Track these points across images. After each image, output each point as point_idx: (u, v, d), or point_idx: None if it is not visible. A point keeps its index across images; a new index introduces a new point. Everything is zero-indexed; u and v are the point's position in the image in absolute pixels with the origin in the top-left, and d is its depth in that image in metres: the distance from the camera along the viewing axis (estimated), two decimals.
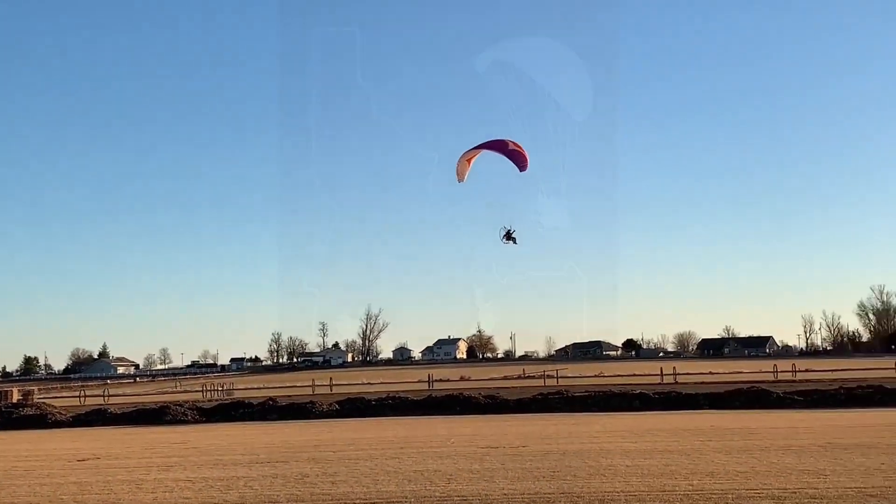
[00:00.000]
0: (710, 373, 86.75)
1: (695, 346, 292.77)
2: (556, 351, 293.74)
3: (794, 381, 67.87)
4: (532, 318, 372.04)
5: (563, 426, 33.66)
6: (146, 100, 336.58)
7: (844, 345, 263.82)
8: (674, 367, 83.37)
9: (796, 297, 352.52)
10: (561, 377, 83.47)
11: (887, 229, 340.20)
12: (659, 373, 78.07)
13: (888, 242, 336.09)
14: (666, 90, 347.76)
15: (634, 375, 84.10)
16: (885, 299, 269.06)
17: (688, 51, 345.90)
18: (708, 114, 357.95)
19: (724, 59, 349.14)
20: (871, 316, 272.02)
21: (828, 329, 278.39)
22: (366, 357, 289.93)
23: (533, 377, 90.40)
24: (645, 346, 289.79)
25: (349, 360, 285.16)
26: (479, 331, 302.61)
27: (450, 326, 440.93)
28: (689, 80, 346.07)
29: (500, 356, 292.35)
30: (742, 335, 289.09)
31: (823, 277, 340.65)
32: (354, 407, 47.75)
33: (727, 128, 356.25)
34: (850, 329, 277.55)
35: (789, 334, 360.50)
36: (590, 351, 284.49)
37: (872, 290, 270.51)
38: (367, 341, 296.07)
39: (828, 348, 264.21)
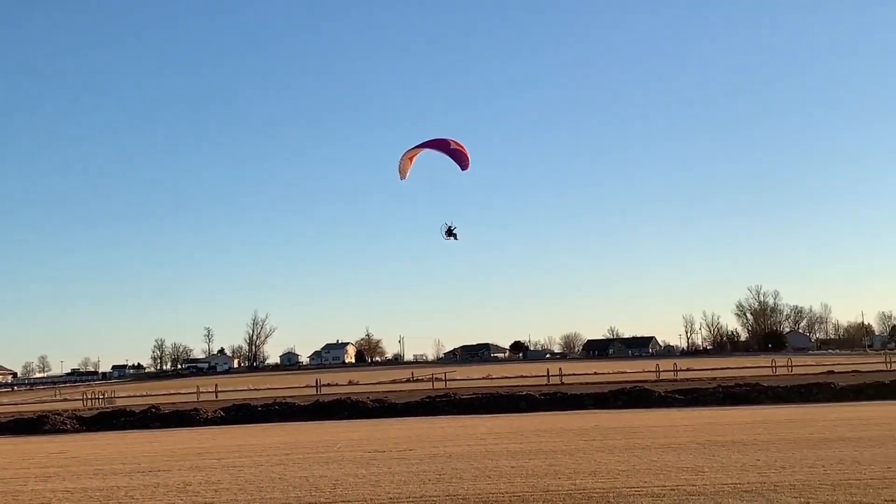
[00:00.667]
0: (595, 373, 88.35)
1: (580, 347, 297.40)
2: (444, 354, 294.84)
3: (675, 381, 69.50)
4: (421, 322, 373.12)
5: (450, 429, 33.78)
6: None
7: (724, 344, 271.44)
8: (560, 368, 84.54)
9: (678, 297, 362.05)
10: (449, 380, 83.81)
11: (764, 230, 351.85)
12: (545, 374, 79.13)
13: (765, 243, 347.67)
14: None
15: (522, 377, 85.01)
16: (761, 299, 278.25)
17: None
18: (584, 113, 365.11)
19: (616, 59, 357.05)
20: (749, 316, 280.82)
21: (708, 329, 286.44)
22: (252, 363, 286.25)
23: (421, 380, 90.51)
24: (532, 348, 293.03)
25: (235, 366, 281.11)
26: (368, 334, 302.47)
27: (338, 330, 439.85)
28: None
29: (388, 359, 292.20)
30: (626, 336, 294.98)
31: (703, 278, 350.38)
32: (240, 413, 47.04)
33: (600, 131, 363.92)
34: (730, 329, 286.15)
35: (671, 334, 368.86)
36: (478, 353, 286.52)
37: (750, 291, 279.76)
38: (253, 347, 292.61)
39: (708, 347, 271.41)
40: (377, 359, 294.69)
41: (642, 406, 44.52)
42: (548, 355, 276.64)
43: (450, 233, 40.90)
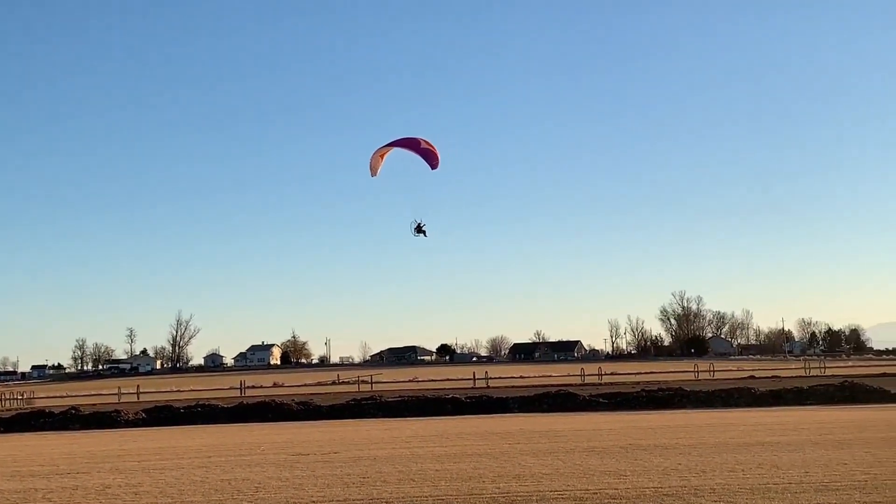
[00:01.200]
0: (521, 377, 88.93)
1: (507, 351, 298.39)
2: (371, 356, 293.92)
3: (600, 385, 70.22)
4: (348, 324, 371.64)
5: (375, 432, 33.65)
6: None
7: (648, 349, 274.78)
8: (486, 372, 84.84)
9: (603, 302, 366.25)
10: (375, 382, 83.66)
11: (687, 236, 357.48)
12: (472, 377, 79.26)
13: (688, 249, 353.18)
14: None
15: (448, 380, 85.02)
16: (685, 304, 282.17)
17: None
18: (520, 119, 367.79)
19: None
20: (673, 321, 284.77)
21: (633, 333, 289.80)
22: (176, 364, 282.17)
23: (347, 383, 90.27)
24: (459, 351, 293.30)
25: (158, 367, 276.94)
26: (294, 336, 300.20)
27: (264, 332, 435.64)
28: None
29: (314, 362, 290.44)
30: (552, 339, 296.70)
31: (629, 283, 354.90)
32: (163, 415, 46.42)
33: (528, 138, 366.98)
34: (654, 333, 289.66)
35: (597, 338, 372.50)
36: (405, 356, 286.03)
37: (674, 296, 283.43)
38: (177, 348, 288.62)
39: (633, 352, 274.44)
40: (303, 361, 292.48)
41: (568, 410, 44.88)
42: (474, 358, 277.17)
43: (419, 229, 41.45)
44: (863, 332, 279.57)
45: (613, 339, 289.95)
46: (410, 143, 41.57)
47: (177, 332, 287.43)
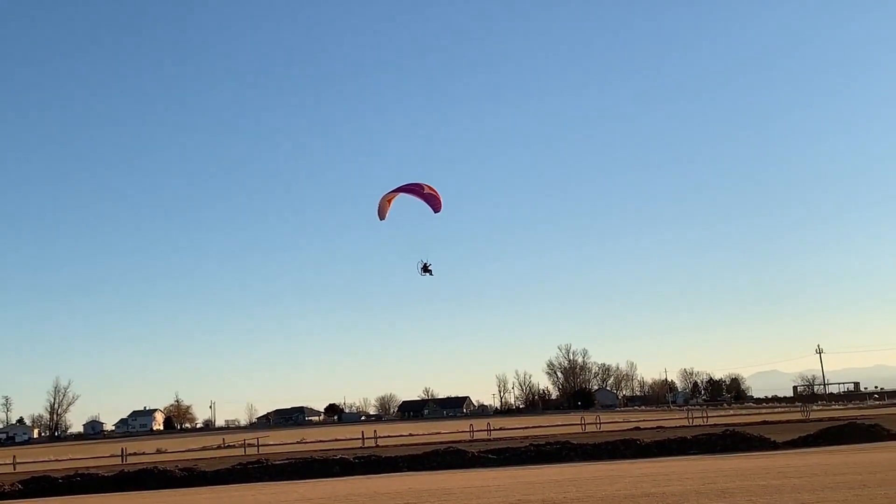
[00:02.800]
0: (411, 434, 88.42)
1: (396, 409, 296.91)
2: (258, 418, 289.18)
3: (489, 440, 70.24)
4: (233, 386, 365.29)
5: (262, 496, 32.97)
6: None
7: (536, 402, 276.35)
8: (375, 431, 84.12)
9: (491, 357, 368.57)
10: (262, 445, 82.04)
11: (571, 289, 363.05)
12: (360, 436, 78.46)
13: (573, 302, 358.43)
14: None
15: (337, 440, 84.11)
16: (571, 358, 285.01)
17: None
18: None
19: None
20: (559, 374, 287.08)
21: (520, 388, 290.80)
22: (54, 432, 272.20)
23: (233, 446, 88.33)
24: (347, 410, 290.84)
25: (35, 435, 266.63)
26: (178, 400, 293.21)
27: (145, 397, 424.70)
28: None
29: (199, 426, 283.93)
30: (441, 396, 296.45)
31: (516, 338, 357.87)
32: (40, 486, 44.60)
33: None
34: (541, 387, 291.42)
35: (485, 394, 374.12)
36: (292, 417, 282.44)
37: (560, 350, 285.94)
38: (55, 415, 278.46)
39: (521, 406, 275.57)
40: (187, 425, 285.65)
41: (457, 467, 44.73)
42: (363, 417, 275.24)
43: (425, 269, 43.36)
44: (743, 381, 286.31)
45: (502, 393, 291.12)
46: (415, 189, 43.93)
47: (54, 398, 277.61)
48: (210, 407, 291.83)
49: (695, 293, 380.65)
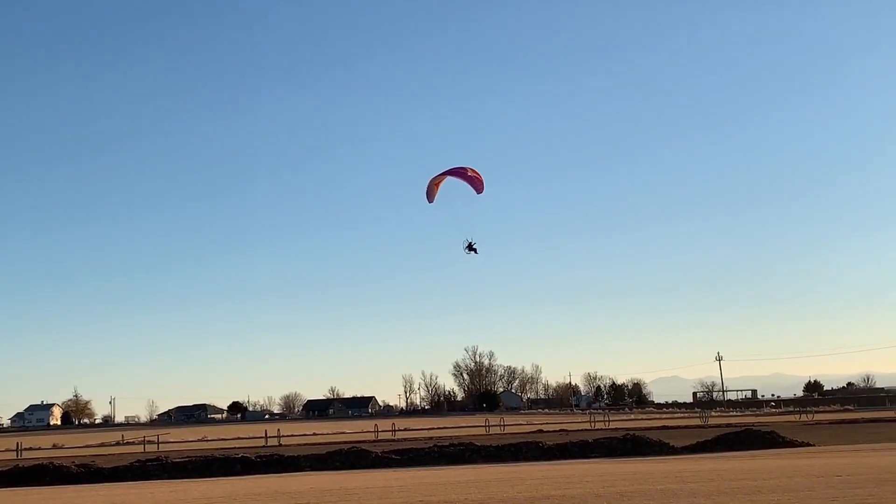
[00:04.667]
0: (315, 434, 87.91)
1: (301, 408, 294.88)
2: (158, 415, 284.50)
3: (393, 441, 70.21)
4: (134, 382, 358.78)
5: (160, 494, 32.37)
6: None
7: (441, 404, 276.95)
8: (278, 430, 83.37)
9: (398, 357, 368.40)
10: (162, 442, 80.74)
11: (480, 293, 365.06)
12: (263, 435, 77.72)
13: (480, 304, 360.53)
14: None
15: (239, 438, 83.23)
16: (477, 360, 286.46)
17: None
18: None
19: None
20: (466, 376, 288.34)
21: (426, 389, 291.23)
22: None
23: (132, 443, 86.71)
24: (251, 409, 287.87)
25: None
26: (76, 395, 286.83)
27: (43, 391, 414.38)
28: None
29: (98, 421, 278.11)
30: (347, 396, 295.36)
31: (423, 339, 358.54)
32: None
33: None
34: (447, 388, 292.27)
35: (391, 394, 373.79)
36: (194, 414, 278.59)
37: (466, 351, 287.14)
38: None
39: (426, 407, 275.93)
40: (86, 421, 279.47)
41: (360, 467, 44.58)
42: (267, 416, 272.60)
43: (470, 247, 45.67)
44: (644, 386, 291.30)
45: (407, 394, 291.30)
46: (459, 172, 47.08)
47: None
48: (110, 402, 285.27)
49: (600, 299, 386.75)
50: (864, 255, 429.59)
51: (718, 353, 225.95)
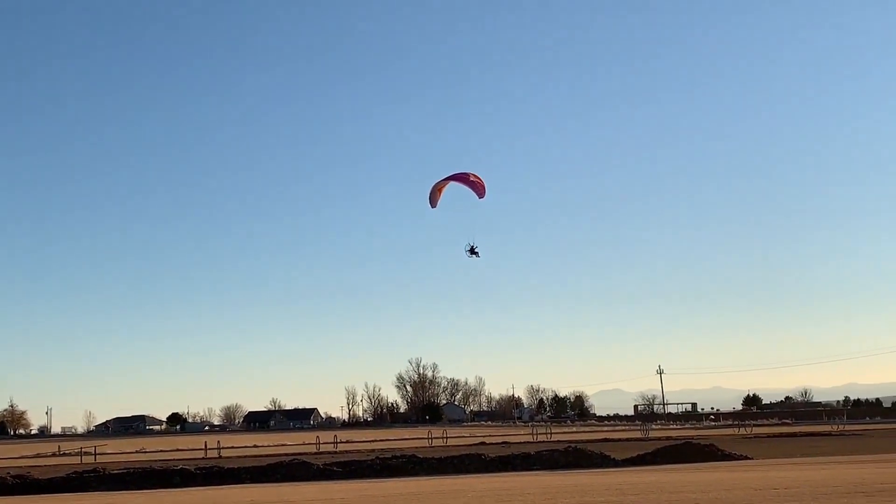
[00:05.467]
0: (255, 446, 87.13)
1: (242, 419, 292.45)
2: (96, 426, 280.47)
3: (335, 452, 69.78)
4: (71, 392, 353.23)
5: None
6: None
7: (384, 416, 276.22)
8: (218, 441, 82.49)
9: (340, 369, 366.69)
10: (100, 454, 79.49)
11: (423, 305, 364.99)
12: (203, 447, 76.88)
13: (424, 316, 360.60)
14: None
15: (178, 450, 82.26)
16: (421, 372, 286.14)
17: None
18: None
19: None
20: (409, 388, 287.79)
21: (369, 400, 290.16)
22: None
23: (69, 454, 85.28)
24: (191, 420, 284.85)
25: None
26: (12, 405, 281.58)
27: None
28: None
29: (34, 432, 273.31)
30: (288, 407, 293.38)
31: (366, 350, 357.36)
32: None
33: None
34: (390, 400, 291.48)
35: (334, 406, 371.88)
36: (133, 426, 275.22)
37: (410, 363, 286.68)
38: None
39: (369, 419, 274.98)
40: (21, 431, 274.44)
41: (301, 479, 44.25)
42: (207, 427, 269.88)
43: (472, 251, 46.81)
44: (587, 399, 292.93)
45: (350, 406, 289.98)
46: (462, 178, 48.08)
47: None
48: (46, 413, 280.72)
49: (542, 311, 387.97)
50: (803, 272, 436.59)
51: (660, 367, 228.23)
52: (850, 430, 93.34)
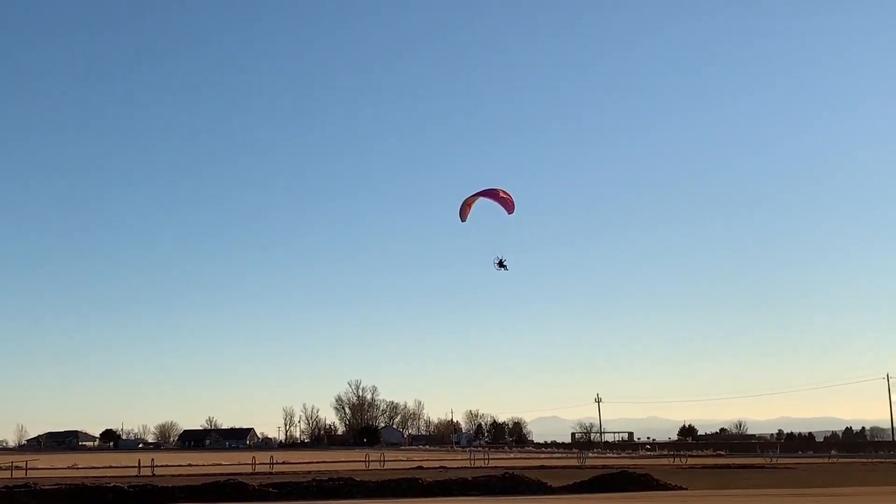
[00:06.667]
0: (190, 465, 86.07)
1: (177, 438, 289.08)
2: (28, 440, 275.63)
3: (271, 474, 69.22)
4: (2, 405, 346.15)
5: None
6: None
7: (322, 437, 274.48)
8: (152, 459, 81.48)
9: (278, 389, 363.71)
10: (31, 469, 77.98)
11: (364, 325, 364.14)
12: (137, 465, 75.86)
13: (366, 339, 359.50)
14: None
15: (111, 467, 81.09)
16: (360, 394, 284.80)
17: None
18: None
19: None
20: (347, 410, 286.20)
21: (307, 422, 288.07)
22: None
23: (0, 468, 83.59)
24: (125, 437, 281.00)
25: None
26: None
27: None
28: None
29: None
30: (225, 427, 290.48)
31: (305, 371, 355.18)
32: None
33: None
34: (328, 422, 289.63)
35: (271, 426, 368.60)
36: (65, 441, 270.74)
37: (350, 385, 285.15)
38: None
39: (306, 441, 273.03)
40: None
41: (236, 500, 43.95)
42: (141, 445, 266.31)
43: (501, 264, 48.01)
44: (525, 425, 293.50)
45: (287, 427, 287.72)
46: (491, 193, 49.74)
47: None
48: None
49: (483, 336, 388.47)
50: (737, 304, 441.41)
51: (598, 395, 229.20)
52: (783, 463, 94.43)
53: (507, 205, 49.60)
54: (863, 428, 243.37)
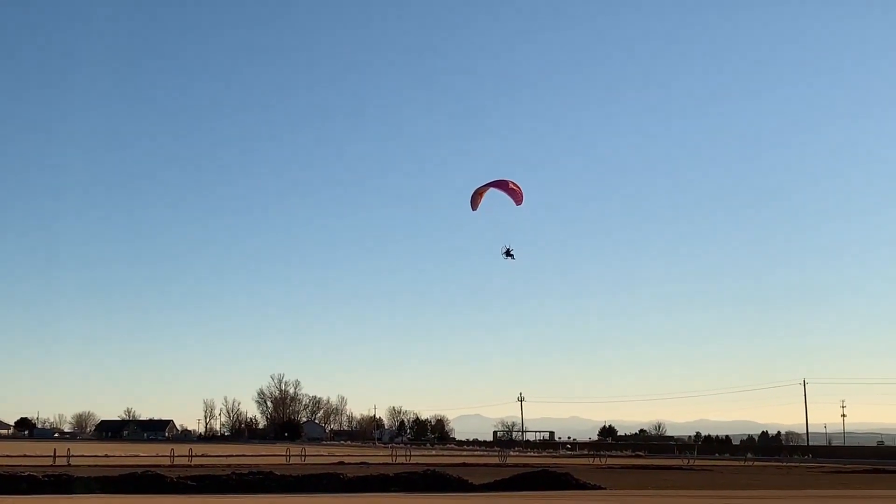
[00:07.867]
0: (107, 455, 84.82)
1: (94, 428, 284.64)
2: None
3: (189, 466, 68.42)
4: None
5: None
6: None
7: (242, 431, 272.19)
8: (68, 449, 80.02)
9: (199, 381, 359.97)
10: None
11: (287, 318, 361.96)
12: (52, 454, 74.52)
13: (289, 332, 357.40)
14: None
15: (26, 456, 79.64)
16: (283, 388, 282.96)
17: None
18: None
19: None
20: (269, 404, 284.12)
21: (228, 415, 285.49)
22: None
23: None
24: (40, 426, 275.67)
25: None
26: None
27: None
28: None
29: None
30: (143, 418, 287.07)
31: (226, 363, 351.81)
32: None
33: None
34: (249, 415, 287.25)
35: (191, 419, 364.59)
36: None
37: (272, 379, 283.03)
38: None
39: (227, 434, 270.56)
40: None
41: (154, 492, 43.32)
42: (57, 434, 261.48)
43: (508, 253, 48.93)
44: (447, 423, 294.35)
45: (207, 419, 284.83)
46: (501, 185, 50.94)
47: None
48: None
49: (408, 333, 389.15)
50: (658, 309, 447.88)
51: (521, 394, 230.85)
52: (700, 464, 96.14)
53: (517, 196, 50.77)
54: (778, 432, 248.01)
